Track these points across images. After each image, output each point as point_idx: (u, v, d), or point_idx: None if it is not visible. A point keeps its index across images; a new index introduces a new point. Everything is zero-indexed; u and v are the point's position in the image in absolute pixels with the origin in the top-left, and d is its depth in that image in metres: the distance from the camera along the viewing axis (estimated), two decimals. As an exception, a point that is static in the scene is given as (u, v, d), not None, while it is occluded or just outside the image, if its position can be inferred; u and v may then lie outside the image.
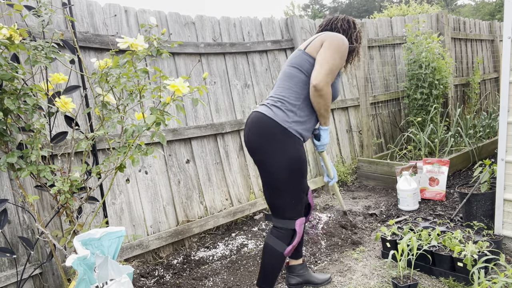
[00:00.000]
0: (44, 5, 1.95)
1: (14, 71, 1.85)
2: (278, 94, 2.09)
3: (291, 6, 31.18)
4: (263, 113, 2.04)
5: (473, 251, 2.32)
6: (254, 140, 2.05)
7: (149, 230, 3.11)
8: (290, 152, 1.99)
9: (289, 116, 2.01)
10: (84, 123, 2.78)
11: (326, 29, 2.26)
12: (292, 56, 2.16)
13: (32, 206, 2.08)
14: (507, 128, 2.61)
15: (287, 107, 2.03)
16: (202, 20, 3.68)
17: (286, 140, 1.99)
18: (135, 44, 1.93)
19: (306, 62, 2.06)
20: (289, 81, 2.08)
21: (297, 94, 2.05)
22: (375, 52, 5.25)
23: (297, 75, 2.07)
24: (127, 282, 1.69)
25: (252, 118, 2.10)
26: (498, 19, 10.51)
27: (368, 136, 4.80)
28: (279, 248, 2.07)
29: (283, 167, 1.98)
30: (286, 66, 2.16)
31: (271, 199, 2.08)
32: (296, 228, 2.07)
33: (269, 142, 1.99)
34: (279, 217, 2.09)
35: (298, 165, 2.02)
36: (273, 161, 1.99)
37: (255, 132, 2.04)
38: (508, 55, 2.57)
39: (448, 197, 3.84)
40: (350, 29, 2.25)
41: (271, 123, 2.00)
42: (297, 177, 2.03)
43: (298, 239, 2.10)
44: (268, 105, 2.07)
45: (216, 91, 3.71)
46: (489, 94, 7.25)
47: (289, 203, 2.05)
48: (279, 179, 2.00)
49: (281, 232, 2.08)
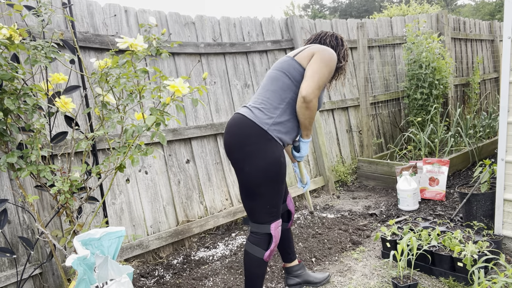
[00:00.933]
0: (44, 5, 1.95)
1: (14, 71, 1.85)
2: (261, 96, 2.06)
3: (291, 6, 31.17)
4: (243, 115, 2.00)
5: (473, 251, 2.32)
6: (232, 141, 2.01)
7: (149, 230, 3.11)
8: (268, 155, 1.94)
9: (270, 118, 1.97)
10: (84, 123, 2.78)
11: (315, 43, 2.23)
12: (280, 62, 2.13)
13: (32, 206, 2.08)
14: (507, 128, 2.61)
15: (268, 109, 1.99)
16: (202, 20, 3.68)
17: (265, 143, 1.94)
18: (135, 44, 1.93)
19: (295, 70, 2.04)
20: (273, 85, 2.05)
21: (280, 97, 2.01)
22: (375, 52, 5.25)
23: (283, 79, 2.04)
24: (127, 282, 1.69)
25: (232, 119, 2.06)
26: (498, 19, 10.51)
27: (368, 136, 4.80)
28: (258, 254, 2.03)
29: (259, 170, 1.93)
30: (272, 70, 2.13)
31: (246, 202, 2.04)
32: (271, 232, 2.02)
33: (247, 143, 1.95)
34: (254, 221, 2.04)
35: (275, 169, 1.96)
36: (249, 163, 1.94)
37: (234, 133, 2.00)
38: (508, 55, 2.57)
39: (448, 197, 3.84)
40: (338, 46, 2.23)
41: (250, 124, 1.96)
42: (273, 182, 1.97)
43: (275, 243, 2.05)
44: (249, 107, 2.03)
45: (216, 91, 3.71)
46: (489, 94, 7.25)
47: (263, 207, 1.99)
48: (255, 183, 1.95)
49: (257, 237, 2.03)
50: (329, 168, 4.49)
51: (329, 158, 4.62)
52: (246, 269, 2.09)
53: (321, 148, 4.43)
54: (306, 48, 2.09)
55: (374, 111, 5.20)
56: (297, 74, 2.03)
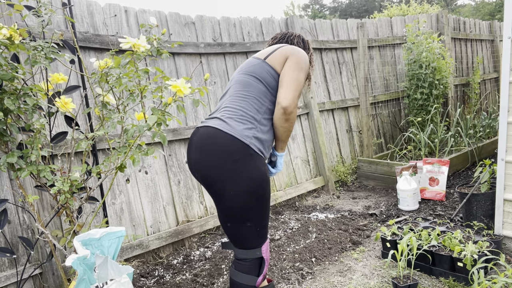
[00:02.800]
0: (44, 5, 1.95)
1: (14, 71, 1.85)
2: (234, 105, 1.77)
3: (291, 6, 31.17)
4: (216, 128, 1.69)
5: (473, 251, 2.32)
6: (206, 160, 1.68)
7: (149, 230, 3.11)
8: (252, 172, 1.67)
9: (249, 130, 1.70)
10: (84, 123, 2.78)
11: (282, 42, 2.05)
12: (249, 64, 1.88)
13: (32, 206, 2.08)
14: (507, 128, 2.61)
15: (246, 120, 1.72)
16: (202, 20, 3.68)
17: (247, 159, 1.66)
18: (138, 44, 1.93)
19: (268, 74, 1.81)
20: (246, 91, 1.80)
21: (256, 106, 1.76)
22: (375, 52, 5.25)
23: (256, 85, 1.80)
24: (127, 282, 1.69)
25: (200, 134, 1.74)
26: (498, 19, 10.51)
27: (368, 136, 4.80)
28: (249, 282, 1.77)
29: (244, 192, 1.66)
30: (241, 74, 1.87)
31: (232, 229, 1.75)
32: (263, 256, 1.78)
33: (226, 163, 1.65)
34: (242, 248, 1.77)
35: (262, 186, 1.71)
36: (232, 186, 1.65)
37: (208, 150, 1.68)
38: (508, 55, 2.57)
39: (448, 197, 3.84)
40: (305, 49, 2.06)
41: (228, 138, 1.66)
42: (262, 201, 1.72)
43: (267, 265, 1.82)
44: (222, 118, 1.73)
45: (216, 91, 3.71)
46: (489, 94, 7.25)
47: (253, 231, 1.74)
48: (241, 207, 1.68)
49: (247, 265, 1.77)
50: (329, 168, 4.49)
51: (329, 158, 4.62)
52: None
53: (321, 148, 4.43)
54: (277, 49, 1.87)
55: (374, 111, 5.20)
56: (271, 80, 1.81)
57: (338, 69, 4.95)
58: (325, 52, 4.80)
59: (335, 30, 4.96)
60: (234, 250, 1.82)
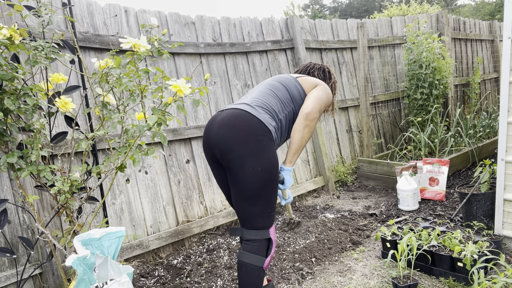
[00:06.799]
0: (44, 5, 1.95)
1: (14, 71, 1.85)
2: (263, 98, 1.97)
3: (291, 6, 31.16)
4: (244, 110, 1.86)
5: (473, 251, 2.32)
6: (231, 137, 1.82)
7: (149, 230, 3.11)
8: (271, 156, 1.84)
9: (272, 120, 1.90)
10: (84, 123, 2.78)
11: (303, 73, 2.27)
12: (282, 77, 2.11)
13: (32, 206, 2.08)
14: (507, 128, 2.61)
15: (271, 113, 1.91)
16: (202, 20, 3.68)
17: (268, 142, 1.84)
18: (138, 44, 1.93)
19: (295, 88, 2.04)
20: (274, 93, 2.01)
21: (280, 106, 1.97)
22: (375, 52, 5.25)
23: (284, 91, 2.02)
24: (127, 282, 1.69)
25: (228, 113, 1.89)
26: (498, 19, 10.51)
27: (368, 136, 4.80)
28: (257, 263, 1.86)
29: (262, 170, 1.80)
30: (273, 80, 2.09)
31: (245, 208, 1.86)
32: (271, 237, 1.90)
33: (251, 139, 1.80)
34: (251, 228, 1.88)
35: (275, 171, 1.87)
36: (253, 162, 1.79)
37: (235, 127, 1.82)
38: (508, 55, 2.57)
39: (448, 197, 3.84)
40: (327, 79, 2.29)
41: (255, 121, 1.83)
42: (274, 184, 1.87)
43: (275, 247, 1.93)
44: (250, 105, 1.91)
45: (216, 91, 3.71)
46: (489, 94, 7.25)
47: (265, 211, 1.86)
48: (259, 184, 1.81)
49: (255, 245, 1.87)
50: (329, 168, 4.49)
51: (329, 158, 4.62)
52: (244, 282, 1.89)
53: (321, 148, 4.43)
54: (307, 77, 2.12)
55: (374, 111, 5.20)
56: (297, 93, 2.03)
57: (338, 69, 4.95)
58: (325, 52, 4.80)
59: (335, 30, 4.96)
60: (243, 232, 1.91)
